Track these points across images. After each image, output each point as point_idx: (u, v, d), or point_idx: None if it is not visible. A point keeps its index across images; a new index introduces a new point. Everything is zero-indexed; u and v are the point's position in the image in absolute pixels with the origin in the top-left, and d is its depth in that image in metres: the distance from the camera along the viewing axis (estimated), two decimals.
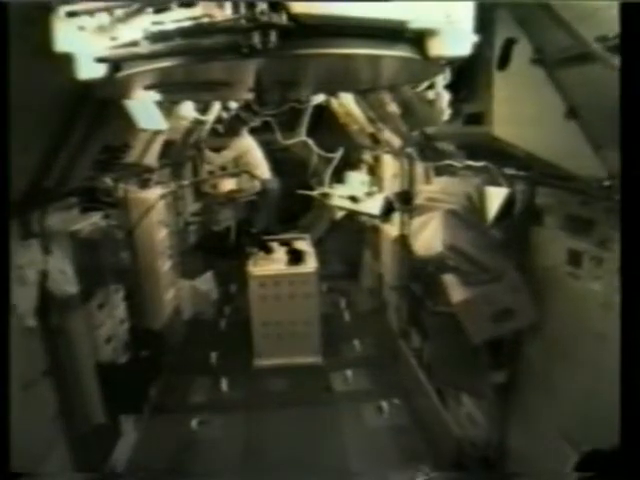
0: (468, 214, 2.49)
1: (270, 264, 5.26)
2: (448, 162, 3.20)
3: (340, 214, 6.69)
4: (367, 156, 6.43)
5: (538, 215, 2.39)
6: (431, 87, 2.38)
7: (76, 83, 1.46)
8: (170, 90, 2.05)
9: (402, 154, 4.57)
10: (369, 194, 5.74)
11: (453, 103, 2.30)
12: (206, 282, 6.13)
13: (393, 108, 3.41)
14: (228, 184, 6.43)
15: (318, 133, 6.51)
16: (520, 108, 1.79)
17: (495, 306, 2.42)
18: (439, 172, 3.50)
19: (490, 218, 2.55)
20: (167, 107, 3.71)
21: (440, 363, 3.24)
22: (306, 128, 6.30)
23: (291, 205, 7.45)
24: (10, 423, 1.58)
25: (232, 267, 6.18)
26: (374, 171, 6.22)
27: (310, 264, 5.19)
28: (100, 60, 1.39)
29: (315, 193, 6.89)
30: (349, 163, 6.69)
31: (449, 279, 2.60)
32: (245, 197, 6.55)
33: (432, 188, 2.95)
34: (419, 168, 4.27)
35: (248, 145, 6.20)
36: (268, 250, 5.47)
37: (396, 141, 4.39)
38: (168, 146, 4.36)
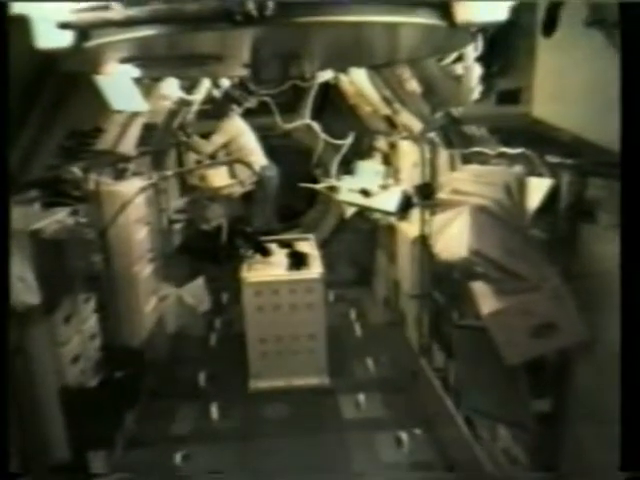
0: (502, 210, 2.45)
1: (268, 269, 5.27)
2: (478, 149, 3.17)
3: (350, 211, 6.70)
4: (381, 143, 6.43)
5: (589, 211, 2.35)
6: (459, 60, 2.37)
7: (35, 53, 1.44)
8: (150, 64, 2.05)
9: (423, 140, 4.56)
10: (384, 187, 5.75)
11: (485, 78, 2.28)
12: (196, 291, 6.11)
13: (413, 86, 3.41)
14: (219, 178, 6.43)
15: (324, 116, 6.53)
16: (568, 82, 1.75)
17: (534, 319, 2.38)
18: (467, 161, 3.48)
19: (529, 215, 2.52)
20: (147, 85, 3.71)
21: (469, 387, 3.21)
22: (310, 110, 6.30)
23: (292, 200, 7.46)
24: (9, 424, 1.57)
25: (224, 272, 6.18)
26: (389, 160, 6.23)
27: (314, 269, 5.19)
28: (63, 26, 1.37)
29: (320, 186, 6.89)
30: (360, 151, 6.71)
31: (478, 287, 2.58)
32: (240, 191, 6.55)
33: (460, 176, 2.92)
34: (443, 157, 4.25)
35: (239, 128, 6.19)
36: (265, 252, 5.48)
37: (416, 125, 4.38)
38: (148, 131, 4.36)
